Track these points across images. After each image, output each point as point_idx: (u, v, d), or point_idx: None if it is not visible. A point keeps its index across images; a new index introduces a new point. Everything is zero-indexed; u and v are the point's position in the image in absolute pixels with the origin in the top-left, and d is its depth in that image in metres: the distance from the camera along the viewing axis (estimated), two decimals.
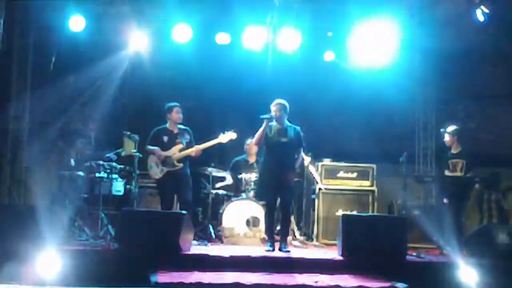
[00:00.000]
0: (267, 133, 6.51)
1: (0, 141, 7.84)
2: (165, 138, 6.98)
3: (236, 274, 5.40)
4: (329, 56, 8.60)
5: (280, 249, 6.38)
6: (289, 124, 6.59)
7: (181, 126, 7.10)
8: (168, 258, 5.60)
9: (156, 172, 6.92)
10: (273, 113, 6.47)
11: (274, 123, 6.54)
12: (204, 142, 7.00)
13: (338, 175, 7.81)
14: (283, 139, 6.49)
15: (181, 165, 6.92)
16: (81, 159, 7.19)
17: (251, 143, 7.25)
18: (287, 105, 6.55)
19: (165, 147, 6.95)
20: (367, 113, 9.20)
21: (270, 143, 6.53)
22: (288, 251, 6.36)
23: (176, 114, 7.01)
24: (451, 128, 7.33)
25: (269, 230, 6.63)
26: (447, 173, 7.40)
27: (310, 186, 7.97)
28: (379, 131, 9.34)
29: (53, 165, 7.30)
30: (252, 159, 7.97)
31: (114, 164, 7.10)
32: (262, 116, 6.46)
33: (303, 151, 6.81)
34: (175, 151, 6.93)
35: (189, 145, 7.00)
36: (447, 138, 7.38)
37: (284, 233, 6.57)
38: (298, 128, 6.60)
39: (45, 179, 7.90)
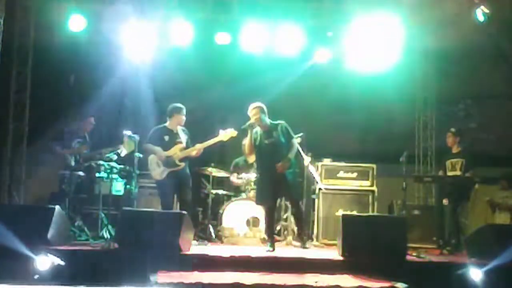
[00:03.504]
0: (255, 139, 6.56)
1: (0, 141, 7.85)
2: (166, 138, 6.93)
3: (236, 274, 5.40)
4: (327, 55, 8.55)
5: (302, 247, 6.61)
6: (273, 122, 6.59)
7: (180, 127, 7.07)
8: (168, 258, 5.60)
9: (159, 172, 6.87)
10: (252, 119, 6.48)
11: (257, 128, 6.55)
12: (205, 141, 6.99)
13: (338, 175, 7.79)
14: (269, 141, 6.51)
15: (182, 164, 6.89)
16: (80, 159, 7.17)
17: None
18: (263, 106, 6.56)
19: (166, 146, 6.91)
20: (367, 113, 9.20)
21: (258, 148, 6.58)
22: (307, 248, 6.58)
23: (183, 116, 6.97)
24: (454, 129, 7.41)
25: (269, 230, 6.64)
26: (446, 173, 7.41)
27: (310, 186, 7.95)
28: (379, 131, 9.35)
29: (53, 165, 7.28)
30: (251, 159, 7.95)
31: (114, 164, 7.09)
32: (242, 127, 6.52)
33: (302, 149, 6.76)
34: (176, 151, 6.91)
35: (188, 145, 6.98)
36: (450, 138, 7.38)
37: (300, 231, 6.69)
38: (282, 123, 6.58)
39: (45, 179, 7.92)
